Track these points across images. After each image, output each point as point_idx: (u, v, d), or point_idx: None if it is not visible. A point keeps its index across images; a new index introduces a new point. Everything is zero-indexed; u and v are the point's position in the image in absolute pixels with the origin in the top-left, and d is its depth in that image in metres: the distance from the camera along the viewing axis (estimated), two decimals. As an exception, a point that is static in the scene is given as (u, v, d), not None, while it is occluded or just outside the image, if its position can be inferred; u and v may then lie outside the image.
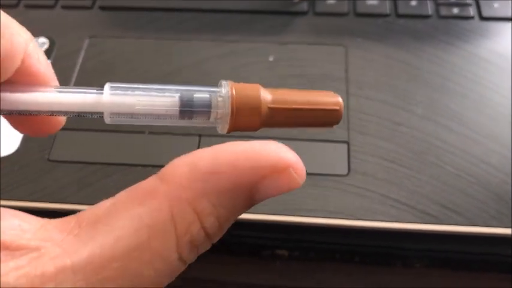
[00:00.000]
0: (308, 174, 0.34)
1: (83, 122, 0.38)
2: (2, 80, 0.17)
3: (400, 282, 0.36)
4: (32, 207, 0.35)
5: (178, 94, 0.18)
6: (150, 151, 0.37)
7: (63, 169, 0.36)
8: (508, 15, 0.44)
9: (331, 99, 0.19)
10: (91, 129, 0.38)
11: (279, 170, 0.17)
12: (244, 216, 0.33)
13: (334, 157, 0.36)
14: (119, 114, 0.18)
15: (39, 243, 0.14)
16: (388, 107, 0.38)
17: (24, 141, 0.38)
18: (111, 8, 0.46)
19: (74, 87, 0.18)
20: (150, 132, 0.38)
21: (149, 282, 0.15)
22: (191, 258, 0.16)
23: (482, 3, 0.45)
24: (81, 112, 0.18)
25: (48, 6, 0.47)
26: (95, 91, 0.18)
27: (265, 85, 0.19)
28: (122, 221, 0.15)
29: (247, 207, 0.17)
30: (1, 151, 0.37)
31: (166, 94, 0.18)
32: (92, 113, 0.18)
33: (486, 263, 0.36)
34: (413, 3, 0.45)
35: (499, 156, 0.36)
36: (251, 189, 0.16)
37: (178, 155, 0.38)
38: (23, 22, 0.21)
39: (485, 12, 0.44)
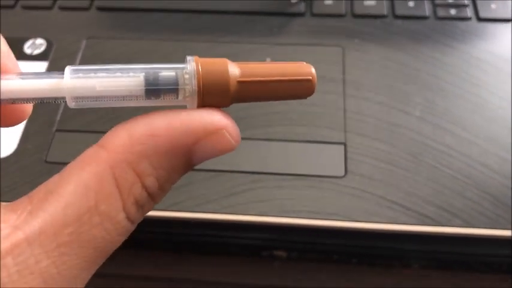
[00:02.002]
0: (305, 175, 0.35)
1: (80, 123, 0.38)
2: None
3: (397, 283, 0.37)
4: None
5: (143, 73, 0.17)
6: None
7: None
8: (506, 16, 0.44)
9: (303, 69, 0.19)
10: (88, 130, 0.38)
11: (212, 131, 0.17)
12: (244, 218, 0.34)
13: (331, 158, 0.36)
14: (82, 98, 0.17)
15: None
16: (386, 109, 0.38)
17: (21, 143, 0.38)
18: (109, 9, 0.46)
19: (35, 73, 0.18)
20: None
21: (103, 242, 0.16)
22: (138, 217, 0.17)
23: (479, 4, 0.45)
24: (43, 98, 0.17)
25: (46, 7, 0.47)
26: (55, 75, 0.17)
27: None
28: (69, 189, 0.16)
29: (187, 169, 0.18)
30: (-2, 153, 0.37)
31: (131, 74, 0.17)
32: (54, 99, 0.17)
33: (483, 264, 0.36)
34: (411, 4, 0.45)
35: (496, 158, 0.36)
36: (188, 151, 0.17)
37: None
38: (20, 23, 0.21)
39: (483, 14, 0.44)
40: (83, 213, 0.15)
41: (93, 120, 0.38)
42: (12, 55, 0.19)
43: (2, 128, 0.38)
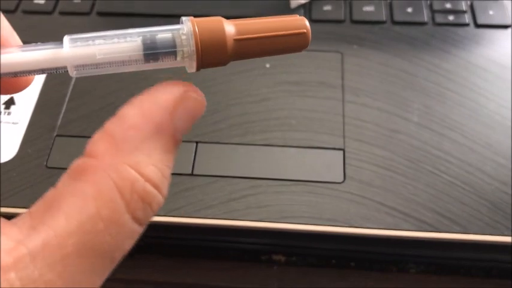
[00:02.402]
0: (304, 181, 0.35)
1: (81, 128, 0.38)
2: None
3: (396, 287, 0.37)
4: (30, 214, 0.35)
5: (141, 37, 0.18)
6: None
7: (61, 176, 0.36)
8: (504, 22, 0.44)
9: (297, 23, 0.19)
10: (89, 136, 0.38)
11: (180, 99, 0.17)
12: (243, 223, 0.34)
13: (329, 164, 0.36)
14: (82, 66, 0.17)
15: None
16: (384, 114, 0.39)
17: (22, 148, 0.38)
18: (109, 14, 0.47)
19: (35, 44, 0.18)
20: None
21: (110, 248, 0.16)
22: (145, 216, 0.17)
23: (477, 10, 0.45)
24: (44, 69, 0.17)
25: (47, 12, 0.47)
26: (54, 45, 0.17)
27: (263, 92, 0.19)
28: (67, 200, 0.16)
29: (175, 145, 0.18)
30: (-1, 157, 0.37)
31: (128, 39, 0.18)
32: (55, 69, 0.18)
33: (482, 270, 0.36)
34: (409, 10, 0.45)
35: (495, 164, 0.36)
36: (167, 127, 0.17)
37: (175, 161, 0.38)
38: (21, 27, 0.21)
39: (481, 20, 0.44)
40: (85, 221, 0.15)
41: (93, 125, 0.39)
42: (14, 32, 0.19)
43: (2, 133, 0.38)
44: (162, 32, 0.18)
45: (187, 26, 0.18)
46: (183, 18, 0.18)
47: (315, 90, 0.40)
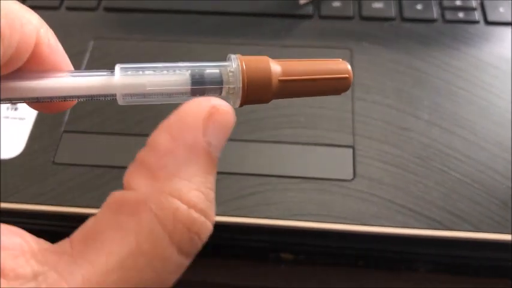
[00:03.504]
0: (313, 178, 0.35)
1: (88, 124, 0.38)
2: (12, 70, 0.17)
3: (404, 286, 0.36)
4: (38, 210, 0.35)
5: (189, 72, 0.18)
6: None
7: (68, 172, 0.36)
8: (514, 19, 0.44)
9: (340, 67, 0.19)
10: (96, 131, 0.38)
11: (209, 114, 0.17)
12: (252, 220, 0.34)
13: (339, 162, 0.36)
14: (131, 95, 0.18)
15: (37, 269, 0.14)
16: (394, 112, 0.38)
17: (29, 144, 0.38)
18: (116, 10, 0.46)
19: (85, 70, 0.18)
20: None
21: (153, 284, 0.15)
22: (193, 246, 0.16)
23: (487, 7, 0.45)
24: (94, 95, 0.18)
25: (53, 7, 0.46)
26: (105, 73, 0.18)
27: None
28: (107, 235, 0.15)
29: (213, 165, 0.17)
30: (6, 153, 0.37)
31: (177, 72, 0.18)
32: (104, 96, 0.18)
33: (492, 269, 0.36)
34: (419, 7, 0.45)
35: (505, 162, 0.36)
36: (202, 146, 0.16)
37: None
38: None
39: (491, 17, 0.44)
40: (125, 257, 0.15)
41: (100, 121, 0.38)
42: (62, 51, 0.19)
43: (9, 129, 0.38)
44: (210, 68, 0.18)
45: (235, 64, 0.18)
46: (232, 56, 0.19)
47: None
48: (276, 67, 0.18)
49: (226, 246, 0.37)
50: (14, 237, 0.15)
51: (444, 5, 0.45)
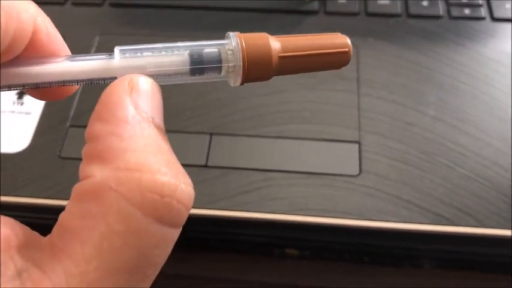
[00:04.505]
0: (319, 174, 0.35)
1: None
2: (11, 57, 0.17)
3: (409, 283, 0.36)
4: (44, 204, 0.35)
5: (188, 51, 0.18)
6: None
7: (74, 166, 0.36)
8: (520, 16, 0.44)
9: (339, 41, 0.19)
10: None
11: (129, 89, 0.16)
12: (256, 215, 0.34)
13: (345, 157, 0.36)
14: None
15: (20, 266, 0.14)
16: (400, 108, 0.38)
17: (35, 138, 0.38)
18: (122, 5, 0.46)
19: (84, 54, 0.18)
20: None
21: (137, 262, 0.14)
22: (173, 212, 0.15)
23: (493, 4, 0.45)
24: (93, 79, 0.18)
25: (59, 3, 0.47)
26: (104, 56, 0.18)
27: (277, 84, 0.19)
28: (77, 225, 0.14)
29: (160, 130, 0.17)
30: (12, 148, 0.37)
31: (176, 53, 0.18)
32: (104, 79, 0.18)
33: (498, 265, 0.36)
34: (425, 3, 0.45)
35: (510, 158, 0.36)
36: (137, 116, 0.16)
37: (189, 153, 0.37)
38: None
39: (497, 13, 0.44)
40: (99, 243, 0.14)
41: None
42: (60, 37, 0.19)
43: (15, 123, 0.38)
44: (209, 47, 0.18)
45: (234, 41, 0.18)
46: (230, 34, 0.18)
47: (330, 82, 0.39)
48: (275, 43, 0.18)
49: (231, 241, 0.37)
50: (5, 229, 0.15)
51: (450, 1, 0.45)
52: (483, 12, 0.44)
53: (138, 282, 0.15)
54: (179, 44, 0.18)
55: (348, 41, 0.19)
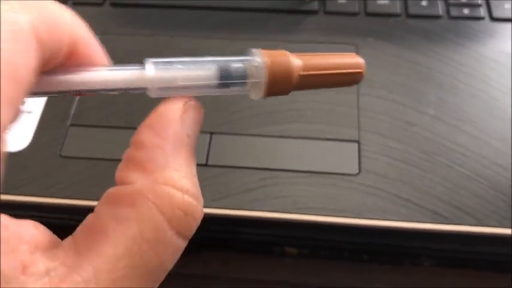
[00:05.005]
0: (319, 173, 0.35)
1: (94, 118, 0.38)
2: (53, 66, 0.17)
3: (408, 281, 0.37)
4: (44, 203, 0.35)
5: (216, 66, 0.19)
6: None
7: (75, 165, 0.36)
8: (519, 16, 0.44)
9: (354, 61, 0.21)
10: (102, 125, 0.38)
11: (184, 109, 0.18)
12: (255, 214, 0.34)
13: (344, 156, 0.36)
14: (163, 88, 0.19)
15: (48, 265, 0.15)
16: (399, 107, 0.38)
17: (35, 137, 0.38)
18: (122, 5, 0.47)
19: (118, 65, 0.19)
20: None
21: (155, 267, 0.16)
22: (189, 228, 0.17)
23: (492, 4, 0.45)
24: (127, 88, 0.19)
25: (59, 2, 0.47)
26: (137, 67, 0.19)
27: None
28: (110, 227, 0.16)
29: (193, 154, 0.18)
30: (13, 146, 0.37)
31: (206, 67, 0.19)
32: (137, 89, 0.19)
33: (497, 263, 0.36)
34: (424, 3, 0.45)
35: (509, 157, 0.36)
36: (183, 137, 0.18)
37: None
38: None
39: (496, 13, 0.44)
40: (131, 245, 0.15)
41: (107, 115, 0.39)
42: (95, 43, 0.19)
43: (19, 121, 0.38)
44: (236, 62, 0.19)
45: (259, 58, 0.19)
46: (254, 50, 0.20)
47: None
48: (296, 61, 0.20)
49: (232, 240, 0.37)
50: (33, 230, 0.16)
51: (449, 1, 0.45)
52: (482, 12, 0.44)
53: (153, 284, 0.16)
54: (206, 58, 0.19)
55: (362, 61, 0.21)
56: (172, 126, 0.18)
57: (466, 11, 0.44)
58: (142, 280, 0.16)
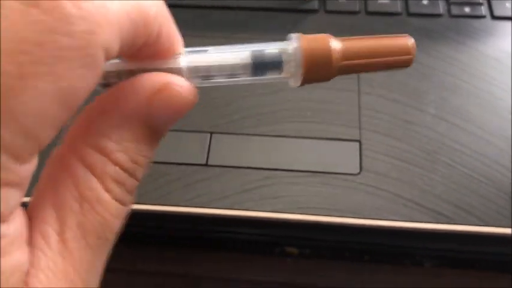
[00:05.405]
0: (319, 172, 0.35)
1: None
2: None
3: (409, 281, 0.36)
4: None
5: (250, 52, 0.18)
6: (162, 148, 0.37)
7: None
8: (520, 14, 0.44)
9: (403, 45, 0.19)
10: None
11: (159, 89, 0.17)
12: (256, 214, 0.34)
13: (345, 156, 0.36)
14: (197, 76, 0.18)
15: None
16: (400, 106, 0.38)
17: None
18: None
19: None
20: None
21: (102, 227, 0.16)
22: (125, 196, 0.17)
23: (494, 2, 0.45)
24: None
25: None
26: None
27: (277, 82, 0.19)
28: (49, 188, 0.16)
29: (154, 137, 0.17)
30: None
31: (240, 52, 0.18)
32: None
33: (498, 263, 0.36)
34: (425, 2, 0.45)
35: (511, 156, 0.36)
36: (143, 115, 0.17)
37: (189, 151, 0.37)
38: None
39: (497, 12, 0.44)
40: (72, 204, 0.15)
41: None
42: (177, 35, 0.19)
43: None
44: (271, 48, 0.18)
45: (295, 43, 0.18)
46: (292, 35, 0.19)
47: (330, 81, 0.39)
48: (337, 45, 0.18)
49: (231, 240, 0.37)
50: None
51: (450, 0, 0.45)
52: (483, 10, 0.44)
53: (102, 247, 0.16)
54: (242, 45, 0.18)
55: (412, 44, 0.19)
56: (134, 100, 0.16)
57: (467, 9, 0.44)
58: (91, 241, 0.16)
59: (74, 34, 0.13)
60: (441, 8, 0.44)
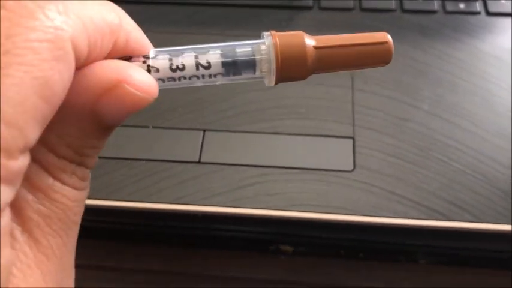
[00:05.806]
0: (313, 169, 0.35)
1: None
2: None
3: (404, 278, 0.36)
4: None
5: (220, 52, 0.18)
6: (155, 146, 0.36)
7: None
8: (515, 10, 0.44)
9: (378, 35, 0.19)
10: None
11: (109, 87, 0.16)
12: (251, 211, 0.33)
13: (339, 152, 0.36)
14: (164, 79, 0.18)
15: None
16: (394, 103, 0.38)
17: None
18: (124, 1, 0.46)
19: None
20: (154, 127, 0.37)
21: (63, 213, 0.16)
22: (75, 182, 0.16)
23: (488, -2, 0.44)
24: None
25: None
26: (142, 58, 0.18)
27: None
28: None
29: (101, 132, 0.17)
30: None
31: (210, 52, 0.18)
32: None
33: (492, 260, 0.35)
34: (420, -2, 0.45)
35: (506, 152, 0.35)
36: (91, 113, 0.16)
37: (182, 149, 0.37)
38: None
39: (492, 8, 0.44)
40: (26, 195, 0.15)
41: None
42: (144, 38, 0.19)
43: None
44: (243, 47, 0.18)
45: (268, 41, 0.18)
46: (265, 33, 0.18)
47: (324, 78, 0.39)
48: (311, 41, 0.18)
49: (226, 238, 0.37)
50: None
51: (445, -4, 0.45)
52: (478, 6, 0.44)
53: (68, 231, 0.16)
54: (212, 44, 0.18)
55: (388, 36, 0.19)
56: (83, 96, 0.16)
57: (462, 5, 0.44)
58: (55, 225, 0.16)
59: (39, 28, 0.14)
60: (436, 4, 0.44)
